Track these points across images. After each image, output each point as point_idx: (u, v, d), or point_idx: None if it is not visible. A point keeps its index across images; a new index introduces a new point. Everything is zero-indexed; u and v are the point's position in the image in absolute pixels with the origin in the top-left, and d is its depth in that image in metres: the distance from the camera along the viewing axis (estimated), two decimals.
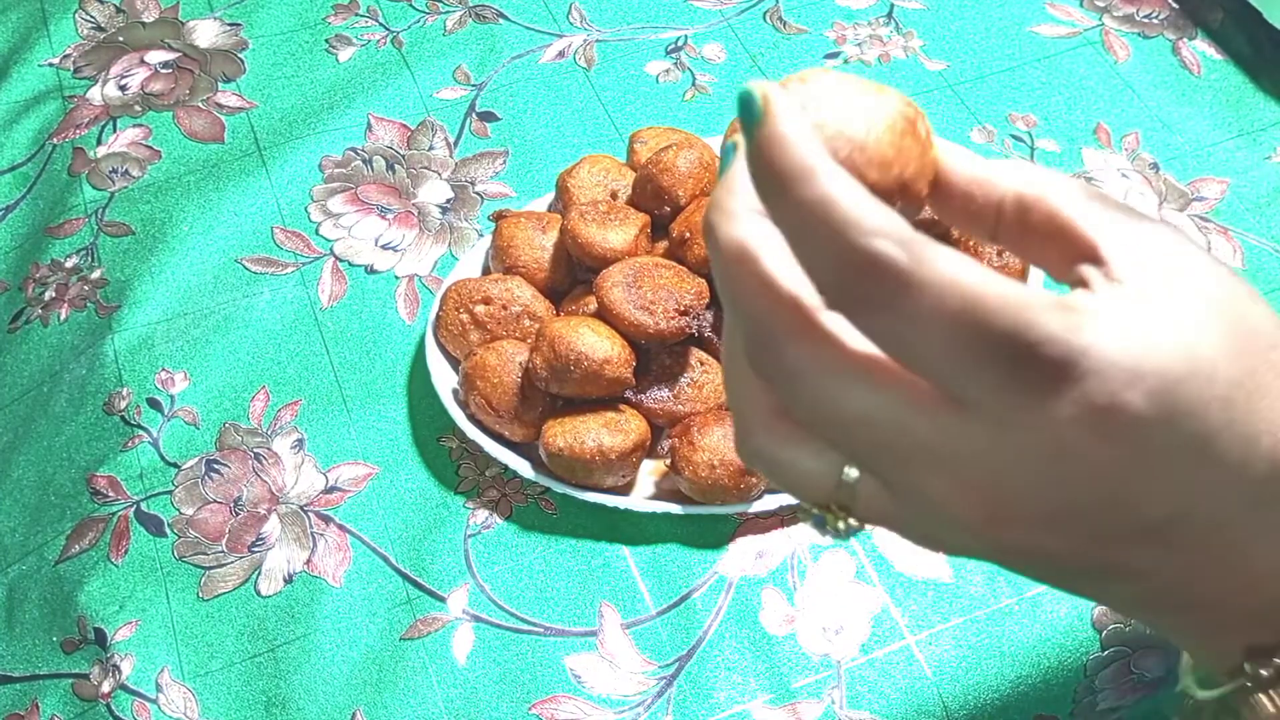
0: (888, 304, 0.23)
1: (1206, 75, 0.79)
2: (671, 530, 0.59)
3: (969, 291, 0.22)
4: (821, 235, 0.23)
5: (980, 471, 0.24)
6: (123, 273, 0.71)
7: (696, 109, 0.78)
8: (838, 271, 0.23)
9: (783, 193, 0.24)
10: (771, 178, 0.24)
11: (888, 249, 0.23)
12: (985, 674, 0.54)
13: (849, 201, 0.23)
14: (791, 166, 0.24)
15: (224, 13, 0.86)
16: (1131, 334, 0.23)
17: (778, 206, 0.24)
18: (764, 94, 0.25)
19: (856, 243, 0.23)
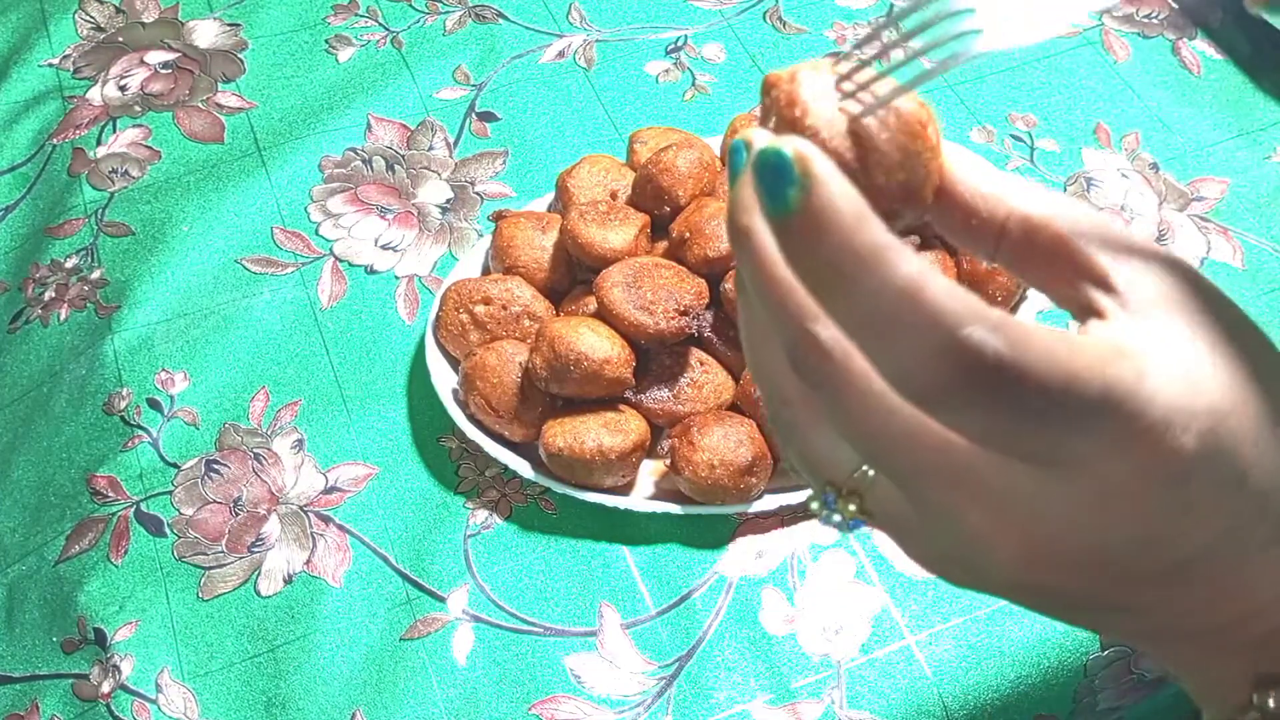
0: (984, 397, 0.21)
1: (1206, 75, 0.79)
2: (671, 530, 0.59)
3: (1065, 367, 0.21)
4: (903, 328, 0.21)
5: (1025, 511, 0.24)
6: (122, 273, 0.71)
7: (696, 109, 0.78)
8: (924, 366, 0.21)
9: (850, 284, 0.21)
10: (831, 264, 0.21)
11: (984, 339, 0.21)
12: (985, 674, 0.54)
13: (937, 288, 0.21)
14: (860, 251, 0.21)
15: (224, 13, 0.86)
16: (1180, 373, 0.23)
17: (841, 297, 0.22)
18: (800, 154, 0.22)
19: (952, 336, 0.21)
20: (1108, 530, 0.24)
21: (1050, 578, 0.25)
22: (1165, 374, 0.23)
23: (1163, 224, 0.71)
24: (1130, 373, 0.22)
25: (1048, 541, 0.24)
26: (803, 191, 0.22)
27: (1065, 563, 0.24)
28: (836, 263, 0.21)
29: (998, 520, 0.24)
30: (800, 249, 0.22)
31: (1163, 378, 0.22)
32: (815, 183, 0.22)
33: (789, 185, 0.22)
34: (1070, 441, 0.22)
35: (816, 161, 0.22)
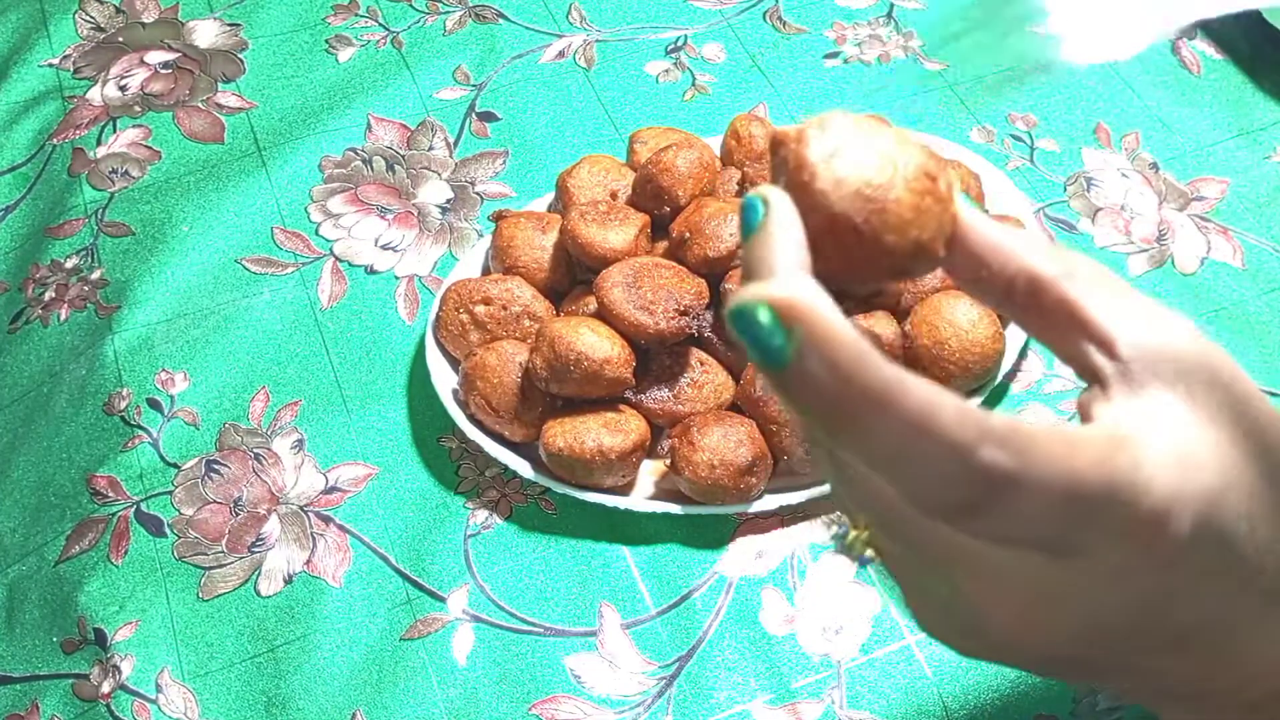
0: (996, 508, 0.22)
1: (1206, 75, 0.79)
2: (671, 530, 0.59)
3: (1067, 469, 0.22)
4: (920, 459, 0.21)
5: (1023, 588, 0.25)
6: (123, 273, 0.71)
7: (696, 109, 0.78)
8: (943, 490, 0.22)
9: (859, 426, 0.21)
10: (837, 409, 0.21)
11: (998, 459, 0.21)
12: (985, 674, 0.54)
13: (947, 416, 0.21)
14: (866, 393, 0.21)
15: (224, 13, 0.86)
16: (1174, 457, 0.23)
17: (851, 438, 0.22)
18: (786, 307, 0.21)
19: (967, 462, 0.21)
20: (1104, 609, 0.24)
21: (1045, 648, 0.26)
22: (1160, 460, 0.23)
23: (1163, 224, 0.71)
24: (1128, 464, 0.23)
25: (1044, 615, 0.25)
26: (794, 344, 0.21)
27: (1060, 636, 0.25)
28: (843, 407, 0.21)
29: (994, 593, 0.25)
30: (801, 398, 0.22)
31: (1158, 464, 0.23)
32: (806, 334, 0.21)
33: (778, 339, 0.21)
34: (1075, 534, 0.23)
35: (804, 308, 0.21)
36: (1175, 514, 0.23)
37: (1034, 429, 0.22)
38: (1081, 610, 0.25)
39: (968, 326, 0.59)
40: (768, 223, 0.24)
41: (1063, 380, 0.64)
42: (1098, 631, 0.25)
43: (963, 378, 0.59)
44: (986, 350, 0.59)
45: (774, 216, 0.24)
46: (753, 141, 0.66)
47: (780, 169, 0.26)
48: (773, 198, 0.25)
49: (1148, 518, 0.23)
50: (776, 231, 0.24)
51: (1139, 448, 0.23)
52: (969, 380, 0.59)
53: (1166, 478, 0.23)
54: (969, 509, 0.22)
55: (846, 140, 0.26)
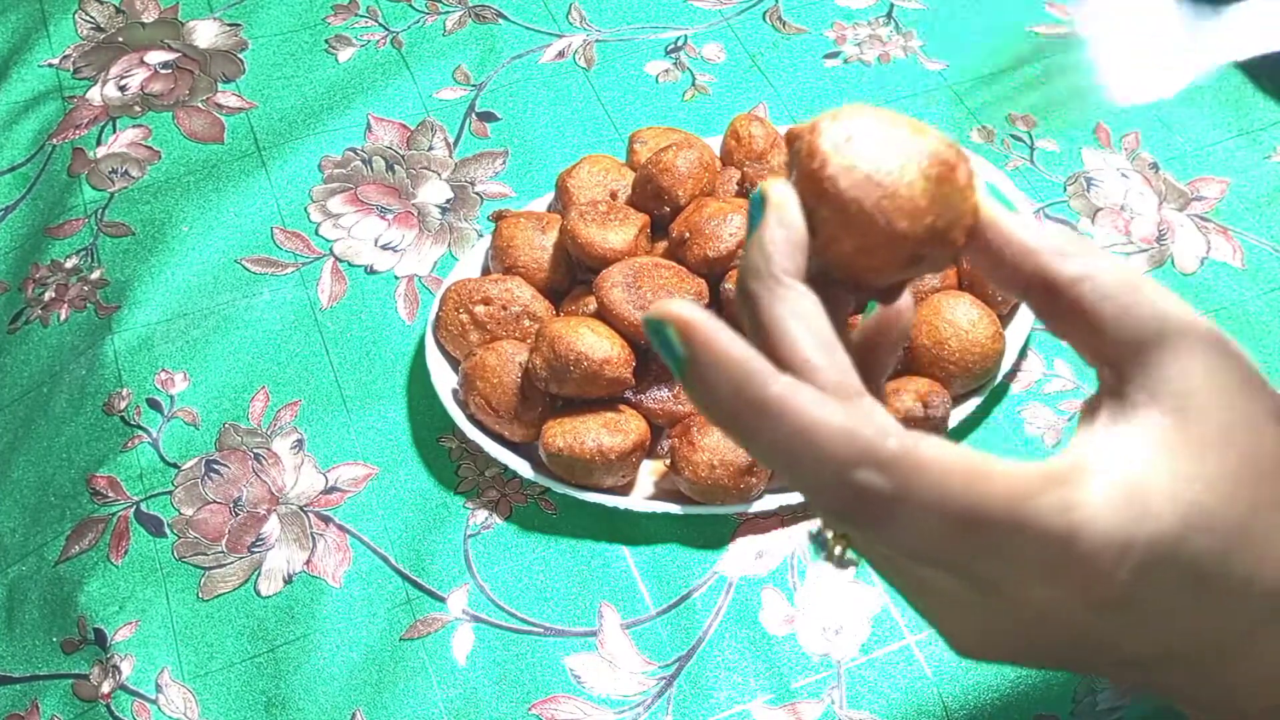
0: (880, 523, 0.23)
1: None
2: (671, 530, 0.59)
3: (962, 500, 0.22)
4: (802, 469, 0.23)
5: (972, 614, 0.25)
6: (122, 273, 0.71)
7: (696, 109, 0.78)
8: (827, 499, 0.23)
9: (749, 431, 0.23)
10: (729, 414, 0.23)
11: (871, 480, 0.22)
12: (985, 674, 0.54)
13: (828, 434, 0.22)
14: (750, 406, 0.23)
15: (224, 13, 0.86)
16: (1126, 496, 0.23)
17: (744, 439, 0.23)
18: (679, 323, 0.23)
19: (840, 477, 0.22)
20: (1049, 638, 0.24)
21: (1002, 658, 0.26)
22: (1100, 504, 0.23)
23: (1163, 224, 0.71)
24: (1054, 505, 0.22)
25: (992, 637, 0.25)
26: (686, 357, 0.23)
27: (1015, 655, 0.26)
28: (732, 414, 0.23)
29: (949, 617, 0.26)
30: (697, 400, 0.24)
31: (1097, 508, 0.22)
32: (696, 348, 0.23)
33: (678, 351, 0.23)
34: (992, 567, 0.23)
35: (696, 326, 0.23)
36: (1112, 560, 0.22)
37: (934, 457, 0.22)
38: (1019, 633, 0.25)
39: (968, 326, 0.59)
40: (764, 224, 0.25)
41: (1062, 380, 0.64)
42: (1043, 652, 0.25)
43: (963, 377, 0.59)
44: (986, 350, 0.59)
45: (770, 217, 0.25)
46: (753, 141, 0.66)
47: (794, 161, 0.26)
48: (773, 193, 0.25)
49: (1079, 564, 0.22)
50: (768, 235, 0.24)
51: (1077, 488, 0.23)
52: (969, 380, 0.59)
53: (1105, 521, 0.22)
54: (853, 520, 0.23)
55: (860, 128, 0.25)
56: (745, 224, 0.27)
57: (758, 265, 0.24)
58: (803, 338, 0.23)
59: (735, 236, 0.60)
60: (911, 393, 0.57)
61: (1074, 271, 0.26)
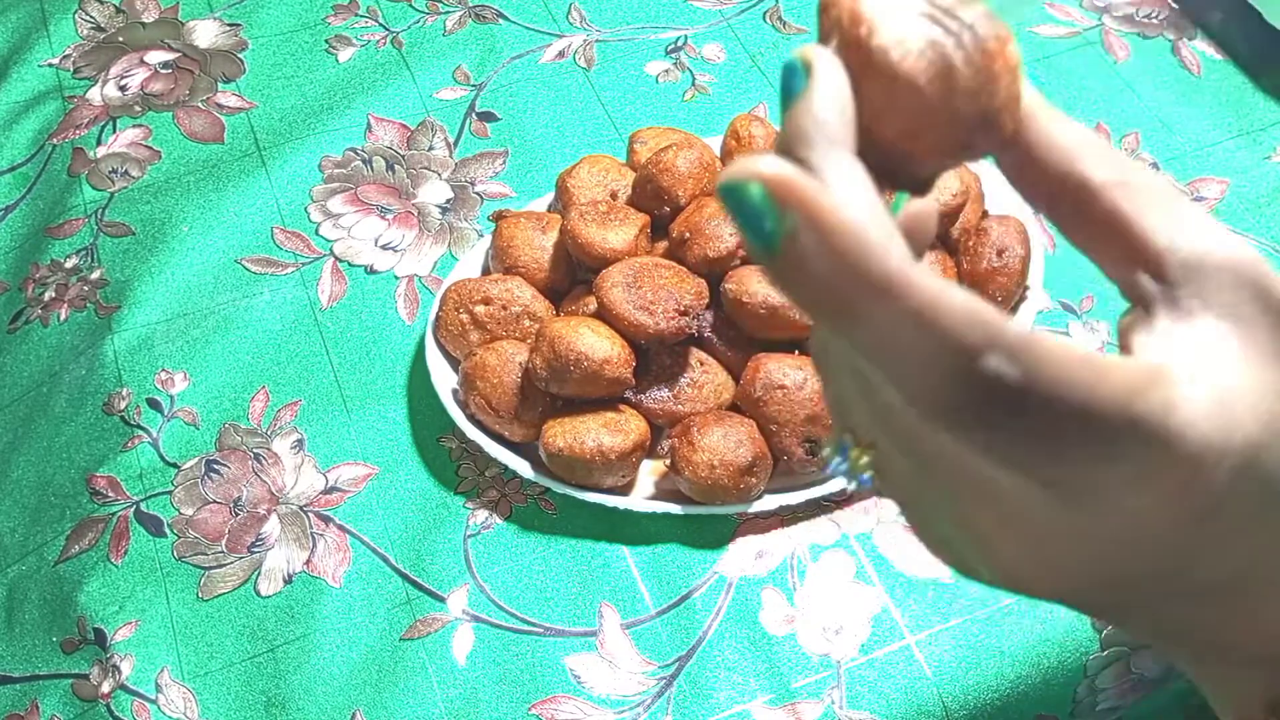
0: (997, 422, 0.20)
1: (1206, 75, 0.79)
2: (671, 530, 0.59)
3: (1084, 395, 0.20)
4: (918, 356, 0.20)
5: (1039, 528, 0.23)
6: (122, 273, 0.71)
7: (696, 109, 0.78)
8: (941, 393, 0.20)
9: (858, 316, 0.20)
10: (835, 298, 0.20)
11: (1002, 368, 0.20)
12: (985, 674, 0.54)
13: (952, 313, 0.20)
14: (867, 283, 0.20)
15: (224, 13, 0.86)
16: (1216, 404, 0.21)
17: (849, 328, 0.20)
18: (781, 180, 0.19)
19: (969, 365, 0.20)
20: (1120, 556, 0.23)
21: (1054, 585, 0.24)
22: (1200, 403, 0.21)
23: None
24: (1159, 405, 0.21)
25: (1053, 553, 0.23)
26: (787, 227, 0.20)
27: (1070, 576, 0.24)
28: (840, 296, 0.20)
29: (1003, 525, 0.23)
30: (793, 286, 0.21)
31: (1196, 410, 0.21)
32: (801, 217, 0.20)
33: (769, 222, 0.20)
34: (1091, 471, 0.21)
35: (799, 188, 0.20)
36: (1211, 465, 0.21)
37: (1056, 347, 0.20)
38: (1094, 553, 0.23)
39: None
40: (811, 89, 0.22)
41: None
42: (1110, 577, 0.23)
43: None
44: None
45: (819, 82, 0.22)
46: (753, 141, 0.66)
47: (832, 29, 0.24)
48: (819, 60, 0.22)
49: (1179, 466, 0.21)
50: (819, 100, 0.21)
51: (1176, 387, 0.21)
52: None
53: (1205, 427, 0.21)
54: (968, 416, 0.21)
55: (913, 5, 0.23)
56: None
57: (809, 132, 0.21)
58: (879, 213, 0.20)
59: (735, 236, 0.60)
60: None
61: (1113, 176, 0.24)
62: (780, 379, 0.57)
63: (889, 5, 0.23)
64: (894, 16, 0.23)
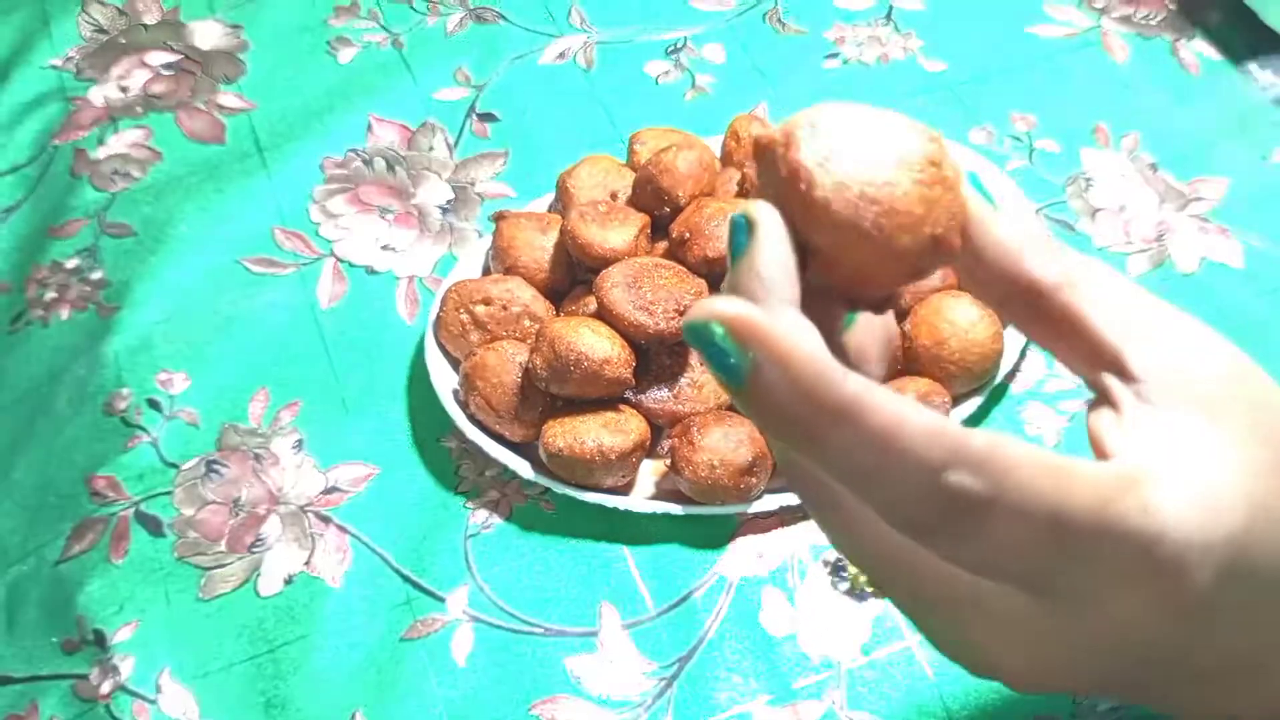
0: (970, 530, 0.21)
1: (1206, 75, 0.79)
2: (671, 530, 0.59)
3: (1053, 503, 0.20)
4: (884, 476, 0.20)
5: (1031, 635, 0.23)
6: (123, 274, 0.71)
7: (696, 109, 0.78)
8: (910, 509, 0.21)
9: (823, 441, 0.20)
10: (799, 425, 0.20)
11: (965, 483, 0.20)
12: None
13: (913, 434, 0.20)
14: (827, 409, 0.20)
15: (225, 14, 0.86)
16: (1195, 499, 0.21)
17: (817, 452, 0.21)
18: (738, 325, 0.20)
19: (932, 482, 0.20)
20: (1115, 656, 0.23)
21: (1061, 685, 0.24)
22: (1178, 506, 0.21)
23: (1162, 224, 0.71)
24: (1135, 509, 0.21)
25: (1052, 659, 0.23)
26: (749, 364, 0.20)
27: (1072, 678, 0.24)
28: (805, 423, 0.20)
29: (1002, 640, 0.24)
30: (761, 416, 0.21)
31: (1175, 511, 0.21)
32: (761, 353, 0.20)
33: (734, 358, 0.21)
34: (1071, 578, 0.21)
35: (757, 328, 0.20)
36: (1195, 564, 0.21)
37: (1021, 455, 0.20)
38: (1088, 654, 0.23)
39: (967, 326, 0.59)
40: (754, 249, 0.22)
41: (1062, 381, 0.64)
42: (1111, 674, 0.24)
43: (963, 378, 0.59)
44: (986, 350, 0.59)
45: (761, 242, 0.22)
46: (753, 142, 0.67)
47: (769, 176, 0.24)
48: (760, 217, 0.23)
49: (1163, 568, 0.21)
50: (762, 260, 0.22)
51: (1152, 488, 0.21)
52: (969, 380, 0.59)
53: (1186, 524, 0.21)
54: (938, 530, 0.21)
55: (841, 138, 0.23)
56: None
57: (755, 291, 0.22)
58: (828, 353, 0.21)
59: None
60: (911, 393, 0.57)
61: (1058, 277, 0.24)
62: None
63: (827, 151, 0.23)
64: (831, 164, 0.23)
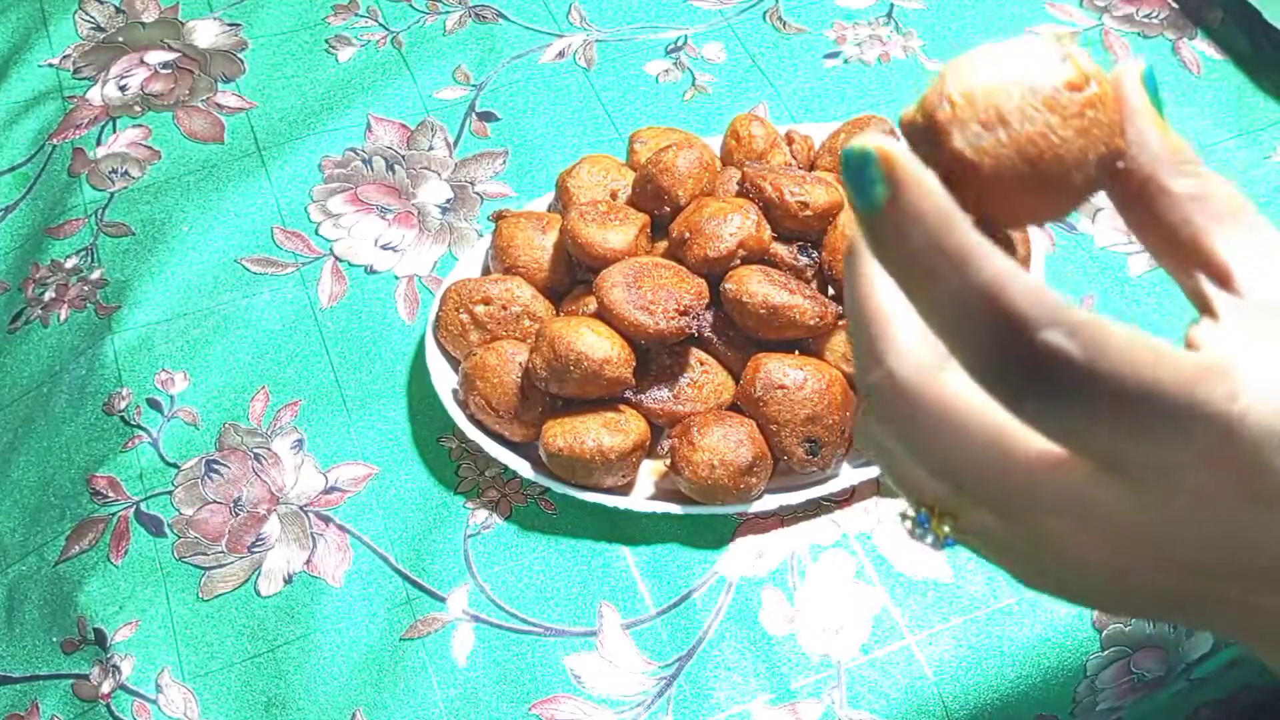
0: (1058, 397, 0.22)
1: (1206, 75, 0.79)
2: (671, 530, 0.59)
3: (1147, 377, 0.21)
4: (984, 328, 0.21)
5: (1113, 523, 0.24)
6: (122, 273, 0.71)
7: (696, 109, 0.78)
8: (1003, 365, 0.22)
9: (934, 281, 0.22)
10: (917, 261, 0.22)
11: (1061, 343, 0.21)
12: (985, 674, 0.54)
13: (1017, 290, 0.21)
14: (945, 251, 0.21)
15: (224, 13, 0.86)
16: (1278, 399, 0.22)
17: (925, 293, 0.22)
18: (884, 155, 0.22)
19: (1027, 339, 0.21)
20: (1197, 539, 0.24)
21: (1142, 582, 0.25)
22: (1263, 396, 0.22)
23: None
24: (1222, 394, 0.22)
25: (1136, 550, 0.24)
26: (888, 191, 0.22)
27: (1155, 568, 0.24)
28: (923, 261, 0.22)
29: (1086, 534, 0.24)
30: (886, 245, 0.22)
31: (1259, 400, 0.22)
32: (900, 184, 0.22)
33: (875, 184, 0.22)
34: (1154, 452, 0.22)
35: (902, 162, 0.22)
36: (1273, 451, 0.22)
37: (1119, 329, 0.21)
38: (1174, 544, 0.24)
39: None
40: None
41: None
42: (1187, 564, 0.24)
43: None
44: None
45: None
46: (753, 141, 0.66)
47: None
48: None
49: (1242, 453, 0.22)
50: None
51: (1238, 379, 0.22)
52: None
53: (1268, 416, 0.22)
54: (1029, 392, 0.22)
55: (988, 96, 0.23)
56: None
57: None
58: None
59: (735, 236, 0.60)
60: None
61: (1190, 185, 0.25)
62: (780, 379, 0.57)
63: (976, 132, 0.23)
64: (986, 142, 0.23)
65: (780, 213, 0.61)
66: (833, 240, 0.61)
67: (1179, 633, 0.56)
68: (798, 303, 0.57)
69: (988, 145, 0.23)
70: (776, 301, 0.57)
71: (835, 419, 0.57)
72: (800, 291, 0.58)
